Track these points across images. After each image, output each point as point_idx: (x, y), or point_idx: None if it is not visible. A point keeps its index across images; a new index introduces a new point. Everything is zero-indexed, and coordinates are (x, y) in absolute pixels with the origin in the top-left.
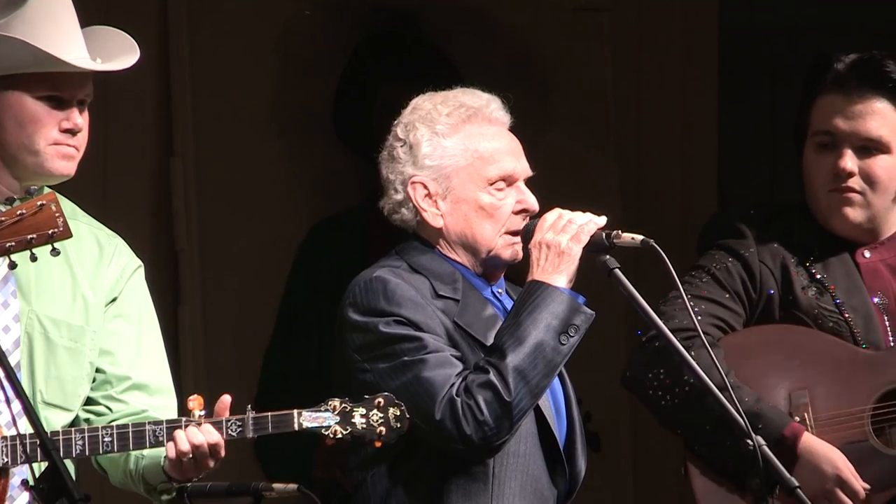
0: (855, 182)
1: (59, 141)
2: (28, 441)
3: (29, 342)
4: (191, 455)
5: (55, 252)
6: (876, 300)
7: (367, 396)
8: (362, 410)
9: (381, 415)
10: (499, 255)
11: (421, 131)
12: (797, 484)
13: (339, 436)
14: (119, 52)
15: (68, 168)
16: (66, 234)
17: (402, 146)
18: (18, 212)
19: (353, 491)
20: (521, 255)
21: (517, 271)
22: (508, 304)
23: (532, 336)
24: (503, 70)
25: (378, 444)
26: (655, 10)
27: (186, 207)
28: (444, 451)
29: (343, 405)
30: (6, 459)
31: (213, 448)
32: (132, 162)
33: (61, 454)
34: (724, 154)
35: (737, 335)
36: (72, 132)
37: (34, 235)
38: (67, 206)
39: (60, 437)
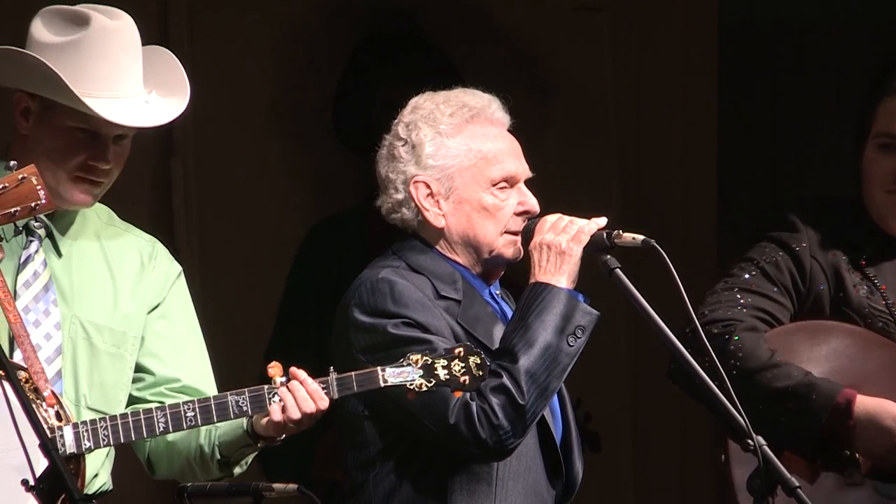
0: None
1: (81, 175)
2: (108, 424)
3: (72, 347)
4: (299, 417)
5: (38, 225)
6: None
7: (445, 348)
8: (443, 362)
9: (463, 364)
10: (501, 254)
11: (424, 131)
12: (797, 484)
13: (424, 389)
14: (172, 92)
15: (85, 199)
16: (49, 206)
17: (403, 145)
18: (0, 186)
19: (350, 492)
20: (522, 253)
21: (519, 272)
22: (505, 306)
23: (541, 338)
24: (503, 70)
25: (458, 394)
26: (655, 10)
27: (186, 207)
28: (454, 455)
29: (424, 359)
30: (89, 444)
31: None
32: (132, 162)
33: (144, 434)
34: (723, 154)
35: (787, 327)
36: (97, 169)
37: (17, 208)
38: (104, 212)
39: (142, 417)
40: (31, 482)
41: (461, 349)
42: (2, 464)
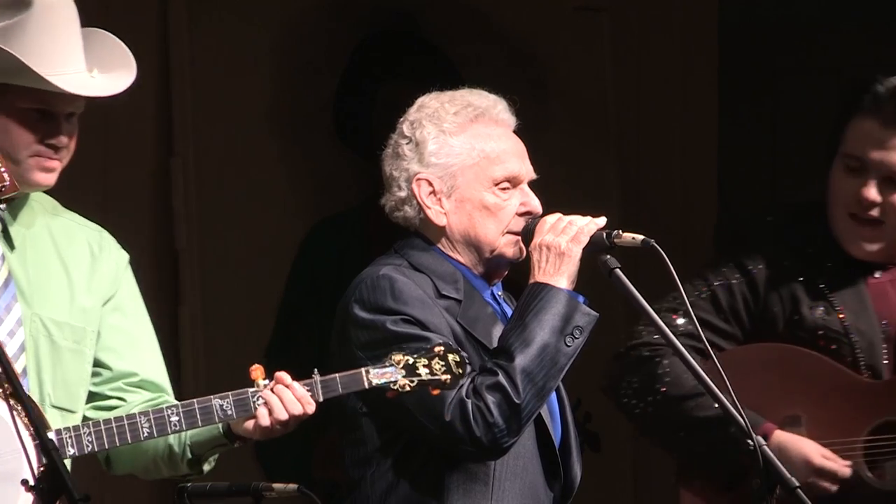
0: (876, 211)
1: (41, 153)
2: (92, 430)
3: (34, 346)
4: (286, 419)
5: (2, 208)
6: (882, 325)
7: (425, 347)
8: (424, 361)
9: (443, 363)
10: (503, 254)
11: (428, 129)
12: (797, 484)
13: (407, 389)
14: (116, 66)
15: (47, 179)
16: (13, 187)
17: (407, 143)
18: None
19: (347, 490)
20: (524, 253)
21: (521, 272)
22: (506, 307)
23: (538, 338)
24: (503, 70)
25: (435, 392)
26: (655, 10)
27: (186, 207)
28: (450, 453)
29: (406, 358)
30: (73, 450)
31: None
32: (132, 162)
33: (129, 439)
34: (724, 154)
35: (736, 351)
36: (55, 147)
37: None
38: (48, 202)
39: (126, 423)
40: (31, 482)
41: (441, 347)
42: None
